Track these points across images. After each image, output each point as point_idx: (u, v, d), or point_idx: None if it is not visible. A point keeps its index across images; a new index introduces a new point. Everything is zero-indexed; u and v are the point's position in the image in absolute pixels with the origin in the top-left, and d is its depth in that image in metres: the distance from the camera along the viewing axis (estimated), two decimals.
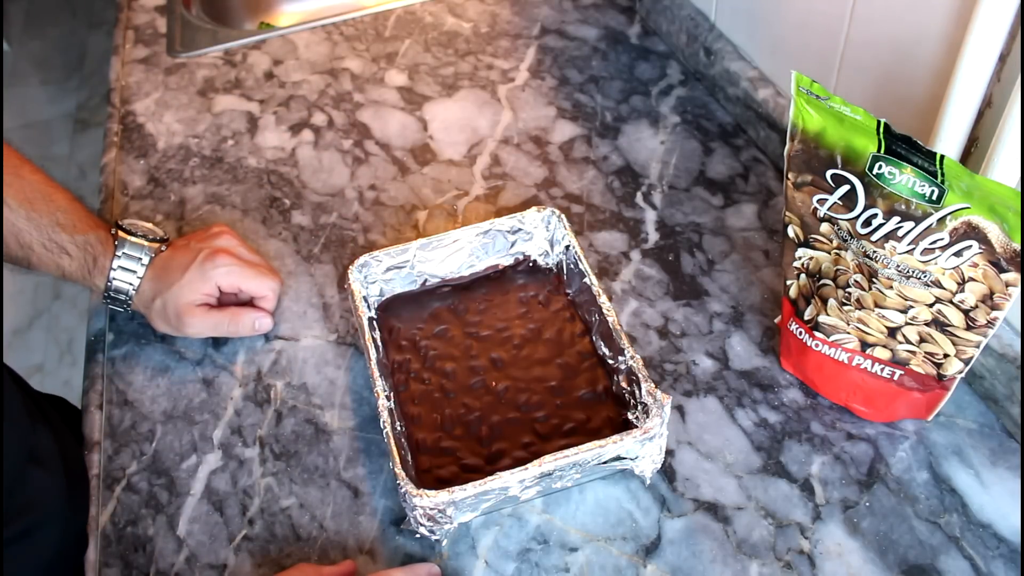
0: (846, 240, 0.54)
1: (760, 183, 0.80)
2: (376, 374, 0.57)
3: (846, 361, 0.58)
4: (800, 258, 0.58)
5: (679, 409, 0.62)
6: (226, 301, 0.69)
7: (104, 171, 0.87)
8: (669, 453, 0.59)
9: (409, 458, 0.55)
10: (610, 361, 0.60)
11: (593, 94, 0.91)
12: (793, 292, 0.60)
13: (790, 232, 0.57)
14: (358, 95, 0.94)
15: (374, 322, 0.63)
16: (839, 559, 0.53)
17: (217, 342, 0.69)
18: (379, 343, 0.61)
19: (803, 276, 0.59)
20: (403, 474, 0.51)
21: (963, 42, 0.51)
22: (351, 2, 1.25)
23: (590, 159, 0.84)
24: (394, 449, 0.52)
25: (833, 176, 0.52)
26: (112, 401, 0.65)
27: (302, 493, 0.59)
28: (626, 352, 0.57)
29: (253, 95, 0.95)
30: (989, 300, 0.50)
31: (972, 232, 0.48)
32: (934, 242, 0.49)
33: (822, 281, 0.57)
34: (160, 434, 0.63)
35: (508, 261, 0.68)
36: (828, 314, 0.57)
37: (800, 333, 0.60)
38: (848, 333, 0.57)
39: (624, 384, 0.58)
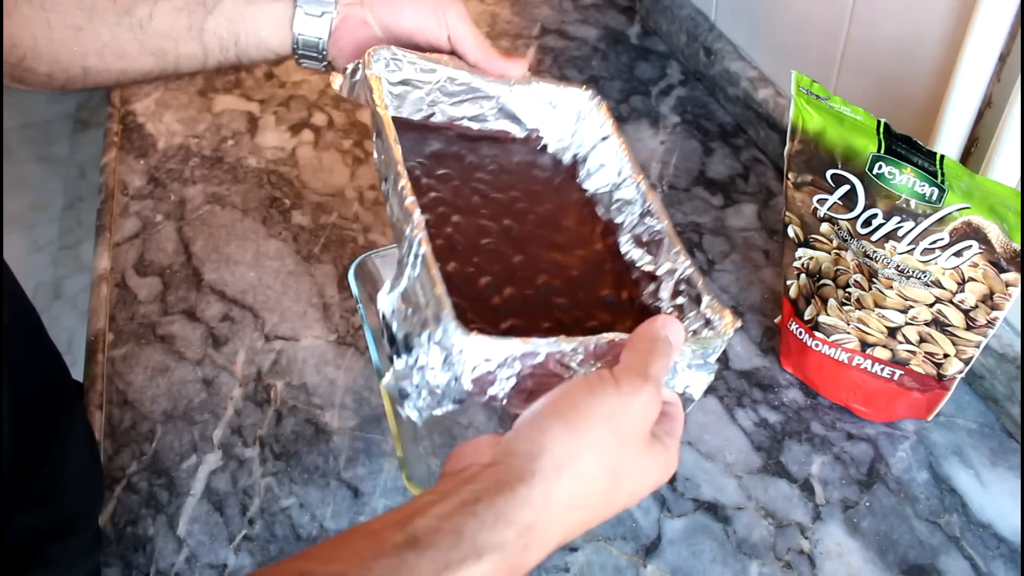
0: (846, 240, 0.54)
1: (760, 183, 0.80)
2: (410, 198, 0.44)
3: (846, 361, 0.58)
4: (800, 258, 0.58)
5: None
6: None
7: (104, 171, 0.87)
8: None
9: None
10: (645, 268, 0.50)
11: None
12: (793, 292, 0.60)
13: (790, 232, 0.57)
14: None
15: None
16: (839, 559, 0.53)
17: (217, 342, 0.69)
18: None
19: (803, 276, 0.59)
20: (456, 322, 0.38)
21: (963, 42, 0.52)
22: None
23: None
24: (442, 291, 0.40)
25: (833, 176, 0.52)
26: (112, 401, 0.65)
27: (302, 493, 0.59)
28: (677, 258, 0.48)
29: (253, 95, 0.95)
30: (989, 300, 0.50)
31: (972, 232, 0.48)
32: (934, 242, 0.49)
33: (822, 281, 0.57)
34: (160, 434, 0.63)
35: (521, 133, 0.57)
36: (828, 314, 0.57)
37: (800, 333, 0.60)
38: (848, 333, 0.57)
39: (666, 296, 0.48)
